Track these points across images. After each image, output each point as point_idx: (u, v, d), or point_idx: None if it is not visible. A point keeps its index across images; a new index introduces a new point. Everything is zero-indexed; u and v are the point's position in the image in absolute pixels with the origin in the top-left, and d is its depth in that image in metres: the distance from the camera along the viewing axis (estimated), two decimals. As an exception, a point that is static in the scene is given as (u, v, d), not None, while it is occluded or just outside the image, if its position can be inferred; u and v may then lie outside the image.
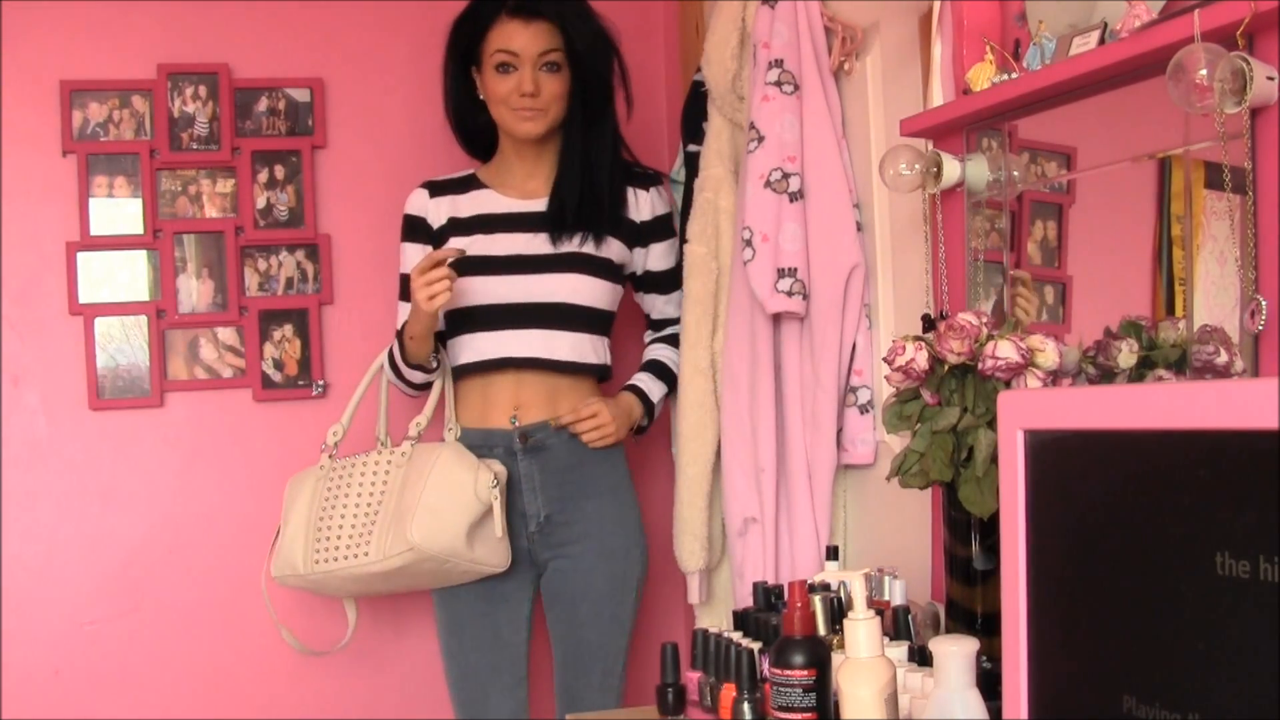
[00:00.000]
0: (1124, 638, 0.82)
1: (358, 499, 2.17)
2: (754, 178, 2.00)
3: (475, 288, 2.23)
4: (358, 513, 2.16)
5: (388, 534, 2.09)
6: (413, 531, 2.06)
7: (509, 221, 2.28)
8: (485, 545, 2.13)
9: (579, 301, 2.25)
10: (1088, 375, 1.42)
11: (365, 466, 2.21)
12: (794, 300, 1.96)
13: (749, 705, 1.33)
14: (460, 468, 2.12)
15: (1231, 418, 0.74)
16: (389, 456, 2.20)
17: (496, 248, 2.25)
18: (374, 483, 2.18)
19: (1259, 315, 1.20)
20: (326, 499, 2.21)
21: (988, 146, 1.61)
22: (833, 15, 2.02)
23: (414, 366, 2.22)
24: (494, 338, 2.23)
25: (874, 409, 1.96)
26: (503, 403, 2.25)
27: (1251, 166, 1.21)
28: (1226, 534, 0.74)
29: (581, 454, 2.26)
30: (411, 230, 2.35)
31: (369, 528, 2.12)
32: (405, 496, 2.11)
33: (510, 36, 2.19)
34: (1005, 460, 0.93)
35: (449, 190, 2.35)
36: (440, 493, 2.09)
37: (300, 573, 2.19)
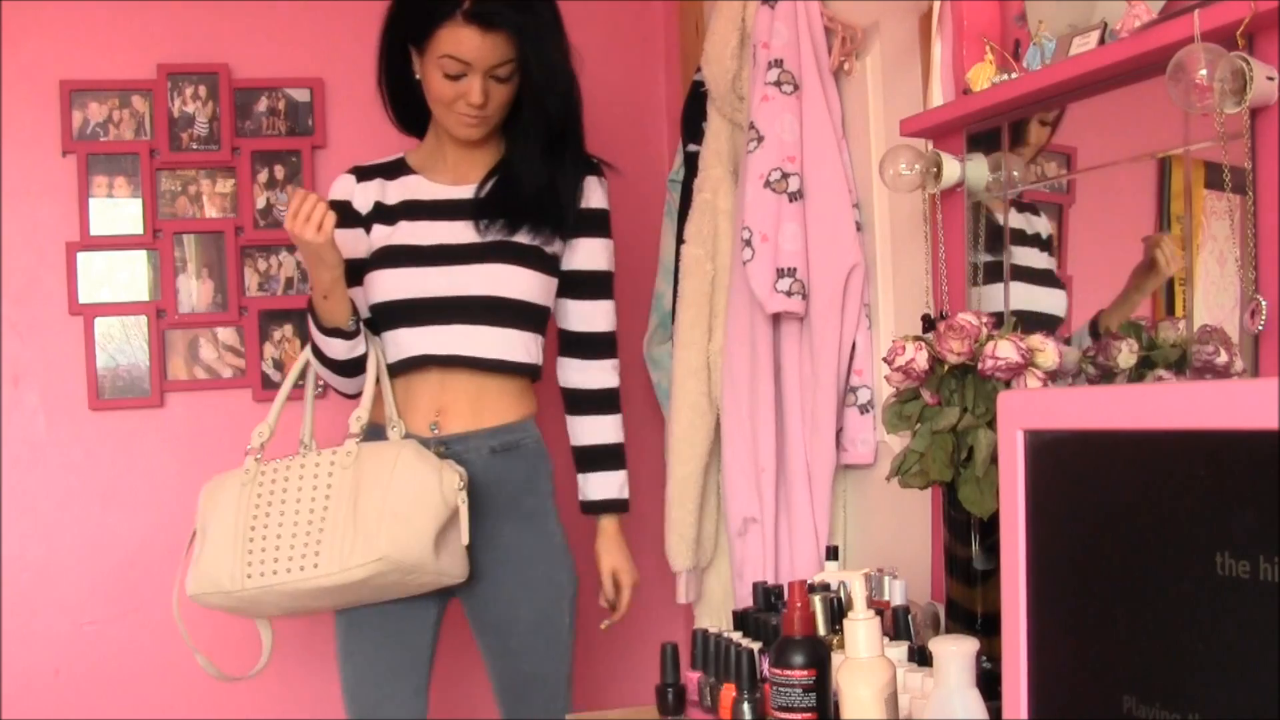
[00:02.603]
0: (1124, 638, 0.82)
1: (298, 506, 1.90)
2: (754, 178, 2.00)
3: (397, 281, 2.03)
4: (299, 520, 1.88)
5: (345, 543, 1.84)
6: (382, 540, 1.82)
7: (436, 209, 2.08)
8: (449, 554, 1.92)
9: (507, 294, 2.02)
10: (1088, 375, 1.42)
11: (304, 469, 1.93)
12: (794, 300, 1.96)
13: (749, 705, 1.33)
14: (425, 468, 1.89)
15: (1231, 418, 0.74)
16: (331, 458, 1.92)
17: (421, 237, 2.05)
18: (316, 487, 1.91)
19: (1259, 315, 1.20)
20: (257, 507, 1.91)
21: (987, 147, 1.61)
22: (833, 15, 2.03)
23: (332, 332, 1.97)
24: (416, 334, 2.02)
25: (874, 409, 1.96)
26: (423, 407, 2.03)
27: (1251, 166, 1.21)
28: (1226, 534, 0.74)
29: (502, 473, 2.04)
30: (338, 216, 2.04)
31: (316, 537, 1.86)
32: (364, 501, 1.86)
33: (462, 43, 1.94)
34: (1005, 460, 0.93)
35: (377, 175, 2.14)
36: (407, 496, 1.86)
37: (227, 589, 1.89)
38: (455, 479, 1.90)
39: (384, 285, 2.03)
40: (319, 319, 1.97)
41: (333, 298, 1.94)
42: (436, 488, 1.87)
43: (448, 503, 1.88)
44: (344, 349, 2.00)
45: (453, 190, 2.08)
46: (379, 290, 2.03)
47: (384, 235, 2.06)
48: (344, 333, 1.97)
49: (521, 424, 2.07)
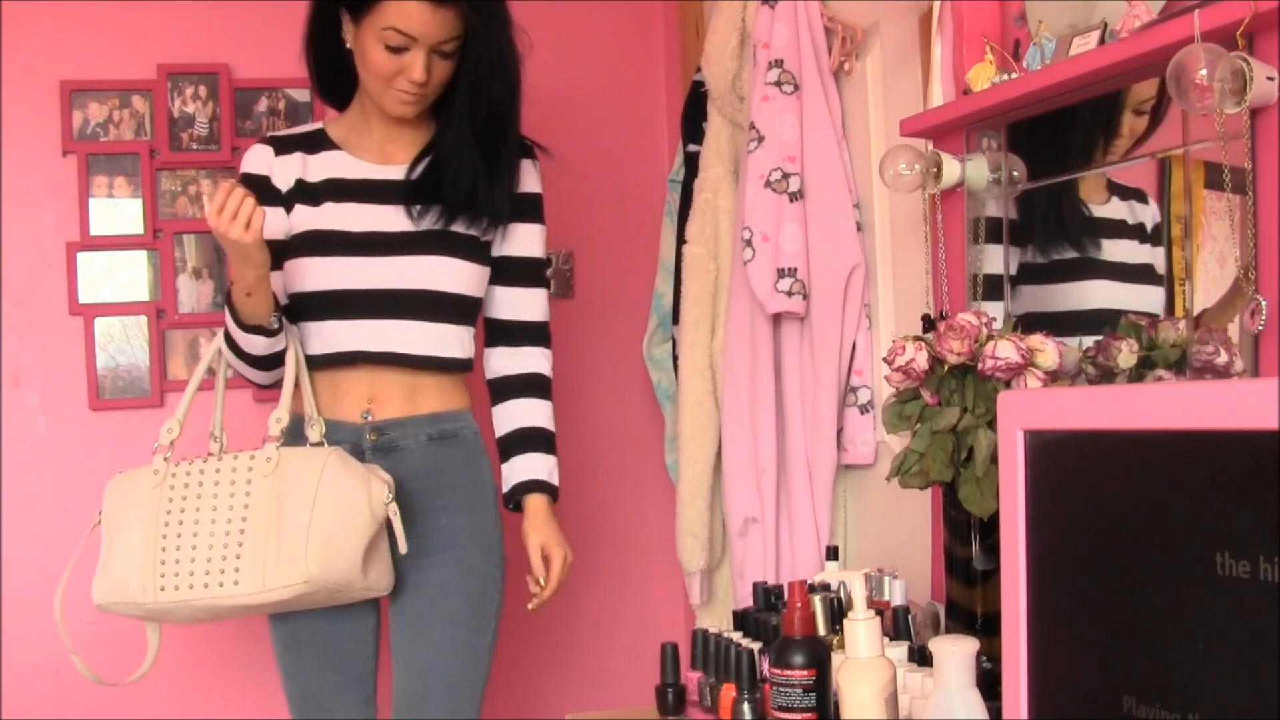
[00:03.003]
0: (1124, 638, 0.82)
1: (214, 515, 1.74)
2: (754, 178, 2.00)
3: (325, 270, 1.88)
4: (215, 531, 1.73)
5: (268, 561, 1.70)
6: (309, 561, 1.68)
7: (364, 191, 1.92)
8: (377, 568, 1.79)
9: (443, 288, 1.90)
10: (1088, 375, 1.42)
11: (220, 475, 1.77)
12: (794, 300, 1.96)
13: (749, 705, 1.33)
14: (352, 481, 1.74)
15: (1231, 418, 0.74)
16: (249, 463, 1.76)
17: (350, 222, 1.89)
18: (234, 494, 1.75)
19: (1259, 315, 1.20)
20: (169, 513, 1.76)
21: (988, 146, 1.61)
22: (833, 15, 2.03)
23: (252, 330, 1.81)
24: (346, 328, 1.88)
25: (874, 409, 1.96)
26: (354, 395, 1.90)
27: (1251, 166, 1.21)
28: (1226, 534, 0.74)
29: (440, 460, 1.91)
30: (253, 192, 1.81)
31: (235, 551, 1.71)
32: (288, 518, 1.71)
33: (411, 17, 1.79)
34: (1005, 460, 0.93)
35: (297, 147, 1.95)
36: (334, 513, 1.71)
37: (138, 600, 1.75)
38: (383, 490, 1.77)
39: (310, 274, 1.88)
40: (239, 316, 1.81)
41: (256, 295, 1.78)
42: (364, 502, 1.74)
43: (376, 517, 1.76)
44: (264, 345, 1.85)
45: (381, 170, 1.93)
46: (304, 279, 1.89)
47: (308, 218, 1.91)
48: (266, 330, 1.82)
49: (459, 413, 1.96)
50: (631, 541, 2.85)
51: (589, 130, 2.84)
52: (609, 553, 2.82)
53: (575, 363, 2.80)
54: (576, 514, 2.80)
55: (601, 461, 2.83)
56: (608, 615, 2.82)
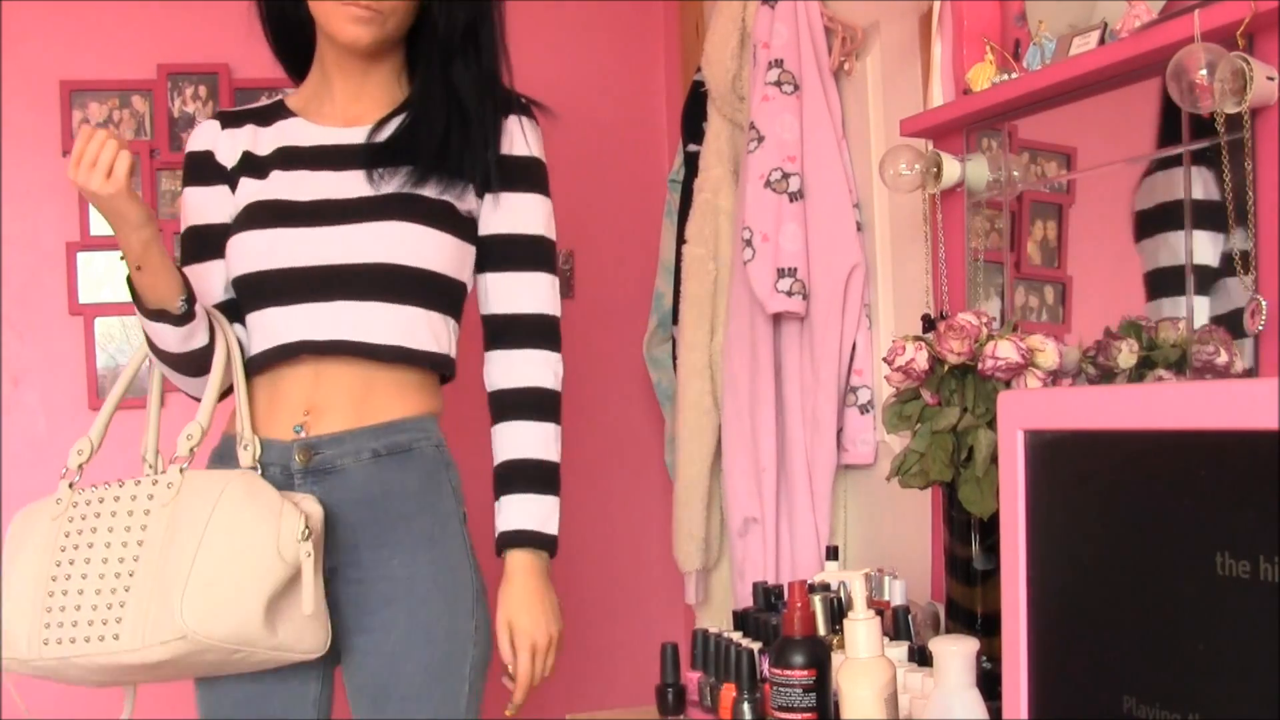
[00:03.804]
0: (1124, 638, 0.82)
1: (105, 552, 1.43)
2: (754, 178, 2.00)
3: (263, 245, 1.56)
4: (105, 573, 1.42)
5: (148, 611, 1.38)
6: (184, 613, 1.35)
7: (319, 156, 1.60)
8: (292, 624, 1.41)
9: (407, 261, 1.54)
10: (1088, 375, 1.42)
11: (118, 504, 1.45)
12: (794, 300, 1.96)
13: (749, 705, 1.33)
14: (254, 511, 1.40)
15: (1231, 418, 0.74)
16: (149, 489, 1.44)
17: (296, 190, 1.57)
18: (129, 529, 1.43)
19: (1259, 315, 1.20)
20: (63, 550, 1.45)
21: (988, 146, 1.61)
22: (833, 15, 2.03)
23: (156, 315, 1.48)
24: (287, 316, 1.54)
25: (874, 409, 1.96)
26: (291, 405, 1.54)
27: (1252, 166, 1.21)
28: (1226, 534, 0.74)
29: (389, 483, 1.54)
30: (196, 171, 1.64)
31: (120, 598, 1.40)
32: (173, 555, 1.39)
33: None
34: (1005, 460, 0.93)
35: (249, 120, 1.66)
36: (222, 552, 1.38)
37: (24, 656, 1.45)
38: (297, 524, 1.40)
39: (246, 251, 1.57)
40: (139, 298, 1.49)
41: (150, 269, 1.46)
42: (269, 541, 1.39)
43: (286, 559, 1.39)
44: (176, 338, 1.51)
45: (341, 134, 1.61)
46: (240, 258, 1.58)
47: (252, 191, 1.60)
48: (171, 316, 1.48)
49: (417, 421, 1.57)
50: (631, 541, 2.85)
51: (589, 130, 2.84)
52: (609, 553, 2.82)
53: (575, 363, 2.78)
54: (577, 514, 2.79)
55: (601, 461, 2.83)
56: (608, 615, 2.82)
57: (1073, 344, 1.42)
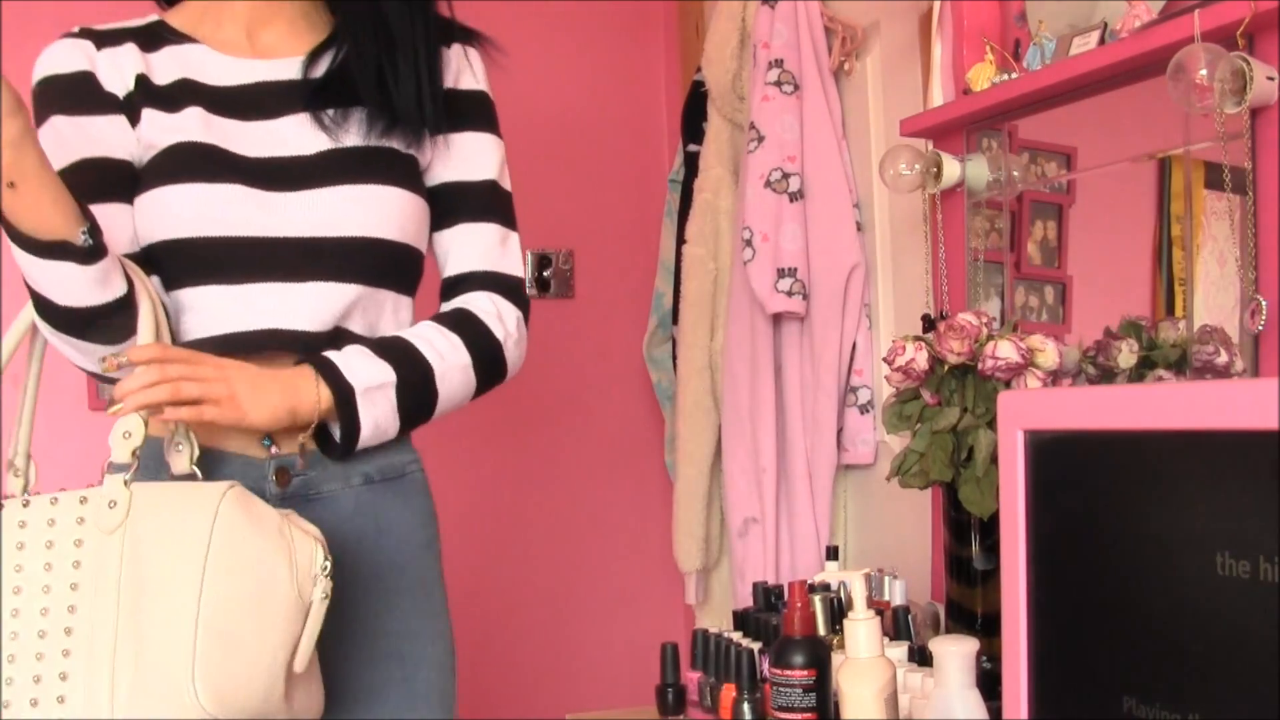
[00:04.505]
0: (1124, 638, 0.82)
1: (30, 601, 1.04)
2: (754, 178, 2.00)
3: (203, 205, 1.22)
4: (41, 629, 1.04)
5: (117, 685, 1.01)
6: (199, 688, 1.00)
7: (242, 99, 1.28)
8: (306, 686, 1.11)
9: (387, 234, 1.26)
10: (1088, 375, 1.42)
11: (26, 534, 1.06)
12: (794, 300, 1.96)
13: (749, 705, 1.33)
14: (263, 539, 1.05)
15: (1231, 418, 0.74)
16: (77, 512, 1.07)
17: (236, 139, 1.26)
18: (50, 566, 1.05)
19: (1259, 315, 1.20)
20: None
21: (988, 146, 1.61)
22: (833, 15, 2.03)
23: (50, 252, 1.06)
24: (242, 297, 1.21)
25: (874, 409, 1.96)
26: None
27: (1251, 166, 1.21)
28: (1226, 534, 0.74)
29: (382, 518, 1.27)
30: (72, 96, 1.26)
31: (57, 667, 1.03)
32: (153, 607, 1.02)
33: None
34: (1005, 460, 0.93)
35: (128, 39, 1.30)
36: (234, 598, 1.03)
37: None
38: (314, 553, 1.07)
39: (181, 212, 1.21)
40: (18, 232, 1.05)
41: (28, 182, 1.02)
42: (286, 577, 1.05)
43: (304, 599, 1.06)
44: (85, 284, 1.08)
45: (260, 68, 1.31)
46: (171, 220, 1.21)
47: (166, 127, 1.25)
48: (75, 250, 1.06)
49: (405, 442, 1.32)
50: (632, 542, 2.85)
51: (589, 130, 2.84)
52: (609, 553, 2.82)
53: (575, 363, 2.80)
54: (577, 514, 2.81)
55: (601, 461, 2.83)
56: (608, 615, 2.82)
57: (1073, 344, 1.42)
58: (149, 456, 1.14)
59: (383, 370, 1.21)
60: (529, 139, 2.72)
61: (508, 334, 1.31)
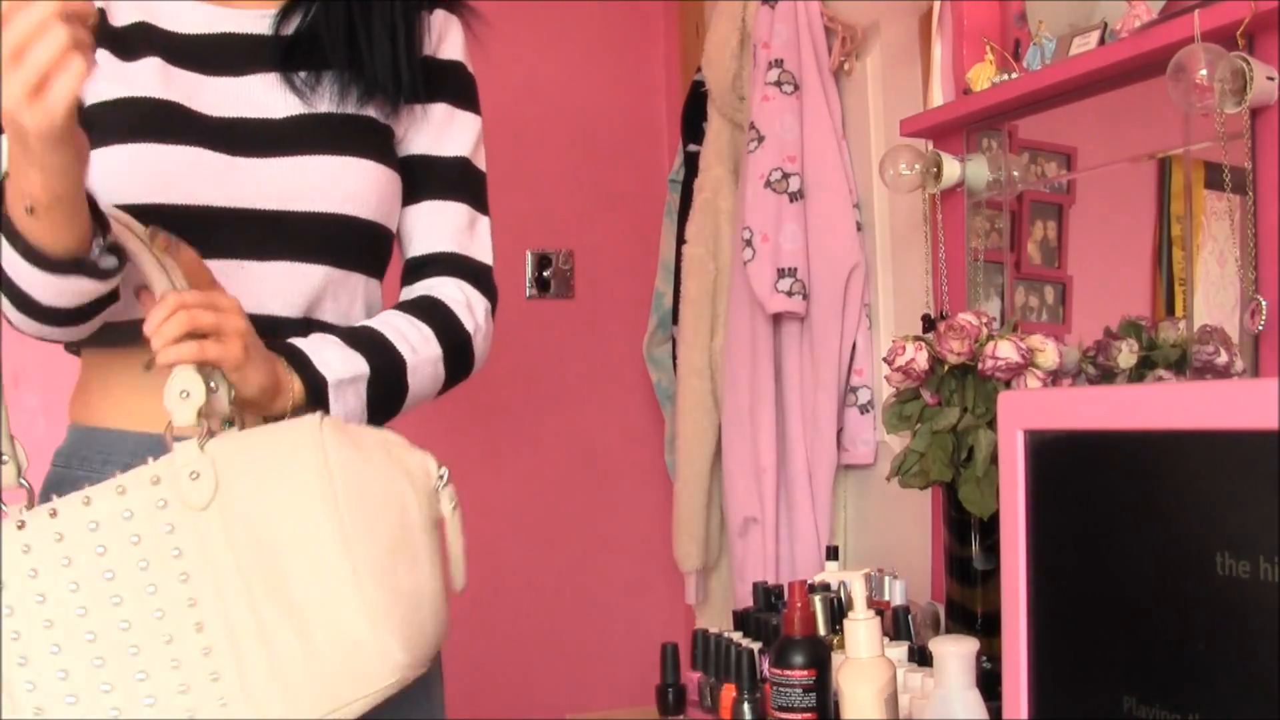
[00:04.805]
0: (1124, 638, 0.82)
1: (138, 608, 0.90)
2: (754, 178, 2.00)
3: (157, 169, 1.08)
4: (166, 634, 0.90)
5: (291, 663, 0.90)
6: (388, 638, 0.90)
7: (207, 49, 1.15)
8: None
9: (357, 211, 1.14)
10: (1088, 375, 1.42)
11: (111, 535, 0.92)
12: (794, 300, 1.96)
13: (749, 705, 1.33)
14: (377, 463, 0.94)
15: (1231, 418, 0.74)
16: (156, 493, 0.92)
17: (196, 95, 1.12)
18: (158, 561, 0.91)
19: (1259, 315, 1.20)
20: (71, 597, 0.91)
21: (988, 146, 1.61)
22: (833, 15, 2.03)
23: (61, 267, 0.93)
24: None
25: (874, 409, 1.96)
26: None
27: (1251, 166, 1.21)
28: (1226, 534, 0.74)
29: None
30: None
31: (207, 664, 0.89)
32: (299, 568, 0.90)
33: None
34: (1005, 460, 0.93)
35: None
36: (382, 534, 0.92)
37: None
38: (426, 462, 0.97)
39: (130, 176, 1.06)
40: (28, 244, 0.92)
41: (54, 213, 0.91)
42: (414, 497, 0.95)
43: (435, 514, 0.97)
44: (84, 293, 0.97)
45: (229, 17, 1.17)
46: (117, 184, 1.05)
47: (117, 75, 1.11)
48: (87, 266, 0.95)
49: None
50: (631, 541, 2.85)
51: (589, 130, 2.84)
52: (609, 553, 2.82)
53: (575, 363, 2.80)
54: (577, 515, 2.80)
55: (602, 461, 2.83)
56: (608, 615, 2.82)
57: (1073, 344, 1.42)
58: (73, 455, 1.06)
59: (356, 362, 1.09)
60: (529, 139, 2.72)
61: (477, 326, 1.20)
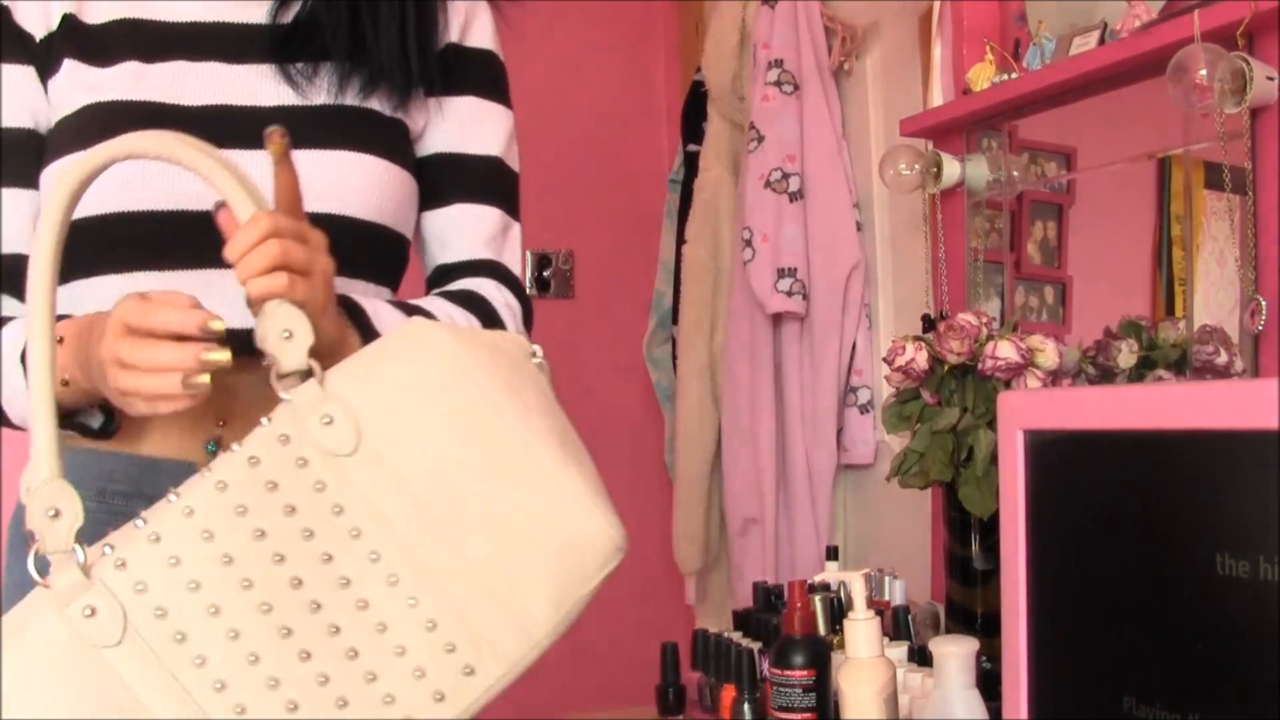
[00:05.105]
0: (1124, 638, 0.82)
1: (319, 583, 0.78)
2: (754, 178, 2.00)
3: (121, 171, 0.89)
4: (360, 598, 0.80)
5: (523, 581, 0.88)
6: (601, 519, 0.89)
7: (196, 37, 1.04)
8: None
9: (353, 212, 1.03)
10: (1088, 375, 1.42)
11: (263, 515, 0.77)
12: (794, 300, 1.96)
13: (749, 705, 1.33)
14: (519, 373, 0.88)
15: (1231, 418, 0.74)
16: (290, 452, 0.78)
17: (173, 89, 1.02)
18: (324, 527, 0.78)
19: (1259, 315, 1.20)
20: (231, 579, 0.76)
21: (988, 146, 1.61)
22: (833, 15, 2.03)
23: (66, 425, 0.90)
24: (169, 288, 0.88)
25: (874, 409, 1.96)
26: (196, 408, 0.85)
27: (1251, 166, 1.21)
28: (1226, 534, 0.74)
29: None
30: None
31: (414, 615, 0.83)
32: (481, 470, 0.83)
33: None
34: (1005, 460, 0.93)
35: None
36: (553, 426, 0.90)
37: None
38: (521, 341, 0.89)
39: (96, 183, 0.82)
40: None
41: (88, 395, 0.90)
42: (534, 376, 0.89)
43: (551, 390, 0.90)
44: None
45: (222, 6, 1.06)
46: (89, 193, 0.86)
47: (88, 84, 1.01)
48: (74, 425, 0.95)
49: None
50: (632, 541, 2.84)
51: (589, 130, 2.84)
52: (609, 553, 2.82)
53: (575, 363, 2.80)
54: (576, 514, 2.80)
55: (601, 461, 2.82)
56: (608, 615, 2.82)
57: (1073, 344, 1.42)
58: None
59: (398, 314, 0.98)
60: (529, 139, 2.71)
61: (519, 329, 1.11)
